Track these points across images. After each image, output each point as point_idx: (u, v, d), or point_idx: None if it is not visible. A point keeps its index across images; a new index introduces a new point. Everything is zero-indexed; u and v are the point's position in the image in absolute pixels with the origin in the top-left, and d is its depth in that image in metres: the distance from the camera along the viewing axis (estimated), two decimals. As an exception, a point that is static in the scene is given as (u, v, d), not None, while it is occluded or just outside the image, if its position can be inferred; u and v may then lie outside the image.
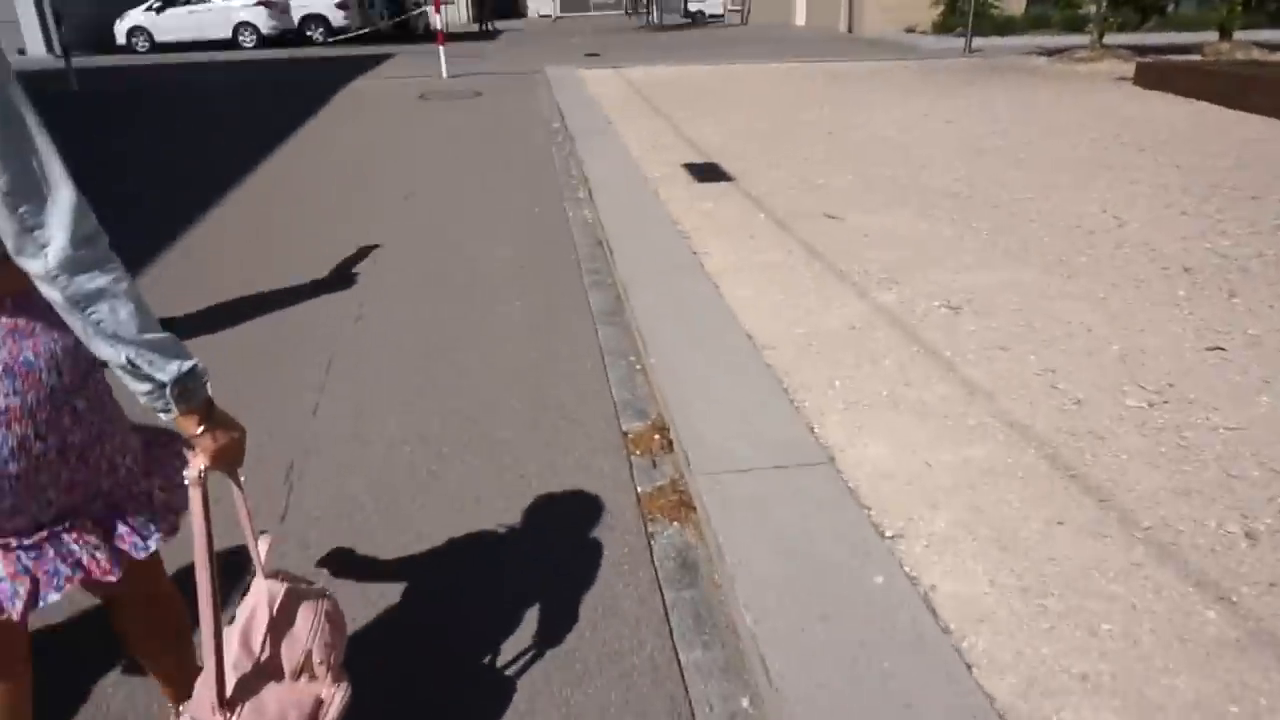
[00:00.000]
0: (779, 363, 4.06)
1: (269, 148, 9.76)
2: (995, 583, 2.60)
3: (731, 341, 4.28)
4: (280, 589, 1.57)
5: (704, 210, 6.65)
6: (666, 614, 2.66)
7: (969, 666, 2.28)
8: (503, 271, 5.66)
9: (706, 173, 7.83)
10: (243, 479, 1.53)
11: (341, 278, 5.56)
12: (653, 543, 2.99)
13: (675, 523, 3.11)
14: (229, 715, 1.42)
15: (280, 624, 1.54)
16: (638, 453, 3.56)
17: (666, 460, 3.50)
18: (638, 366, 4.33)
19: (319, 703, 1.55)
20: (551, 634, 2.56)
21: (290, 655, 1.53)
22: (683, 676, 2.42)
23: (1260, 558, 2.68)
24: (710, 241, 5.90)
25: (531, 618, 2.64)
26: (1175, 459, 3.21)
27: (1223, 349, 4.11)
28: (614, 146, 8.88)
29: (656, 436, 3.64)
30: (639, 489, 3.31)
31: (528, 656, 2.48)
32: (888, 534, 2.83)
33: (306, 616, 1.56)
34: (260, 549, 1.60)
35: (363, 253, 6.03)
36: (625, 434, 3.70)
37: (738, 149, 8.88)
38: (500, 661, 2.47)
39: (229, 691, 1.43)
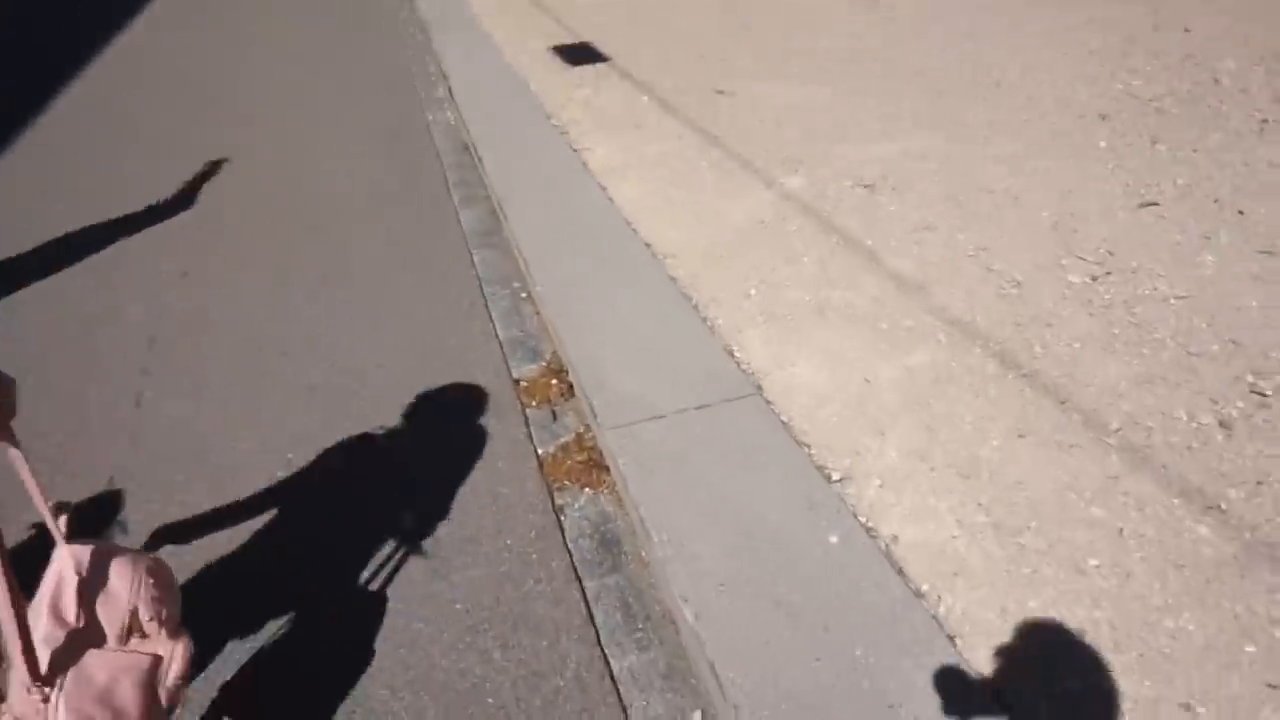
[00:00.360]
0: (685, 275, 3.57)
1: (81, 61, 8.37)
2: (963, 522, 2.25)
3: (628, 254, 3.75)
4: (86, 551, 1.48)
5: (581, 99, 5.95)
6: (589, 611, 2.23)
7: (951, 639, 1.92)
8: (360, 195, 4.91)
9: (580, 55, 7.05)
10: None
11: (171, 217, 4.70)
12: (563, 519, 2.53)
13: (587, 489, 2.65)
14: (47, 690, 1.30)
15: (92, 586, 1.45)
16: (534, 404, 3.05)
17: (568, 410, 3.01)
18: (523, 295, 3.76)
19: (157, 661, 1.48)
20: (451, 661, 2.10)
21: (112, 617, 1.44)
22: (618, 692, 2.01)
23: (1239, 450, 2.40)
24: (592, 135, 5.25)
25: (423, 641, 2.16)
26: (1130, 341, 2.89)
27: (1156, 204, 3.82)
28: (474, 34, 7.94)
29: (554, 382, 3.13)
30: (539, 451, 2.82)
31: (421, 693, 2.01)
32: (834, 476, 2.44)
33: (123, 574, 1.49)
34: (60, 520, 1.49)
35: (195, 185, 5.14)
36: (517, 382, 3.17)
37: (608, 24, 8.06)
38: (384, 702, 2.00)
39: (43, 667, 1.31)
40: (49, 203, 4.78)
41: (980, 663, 1.87)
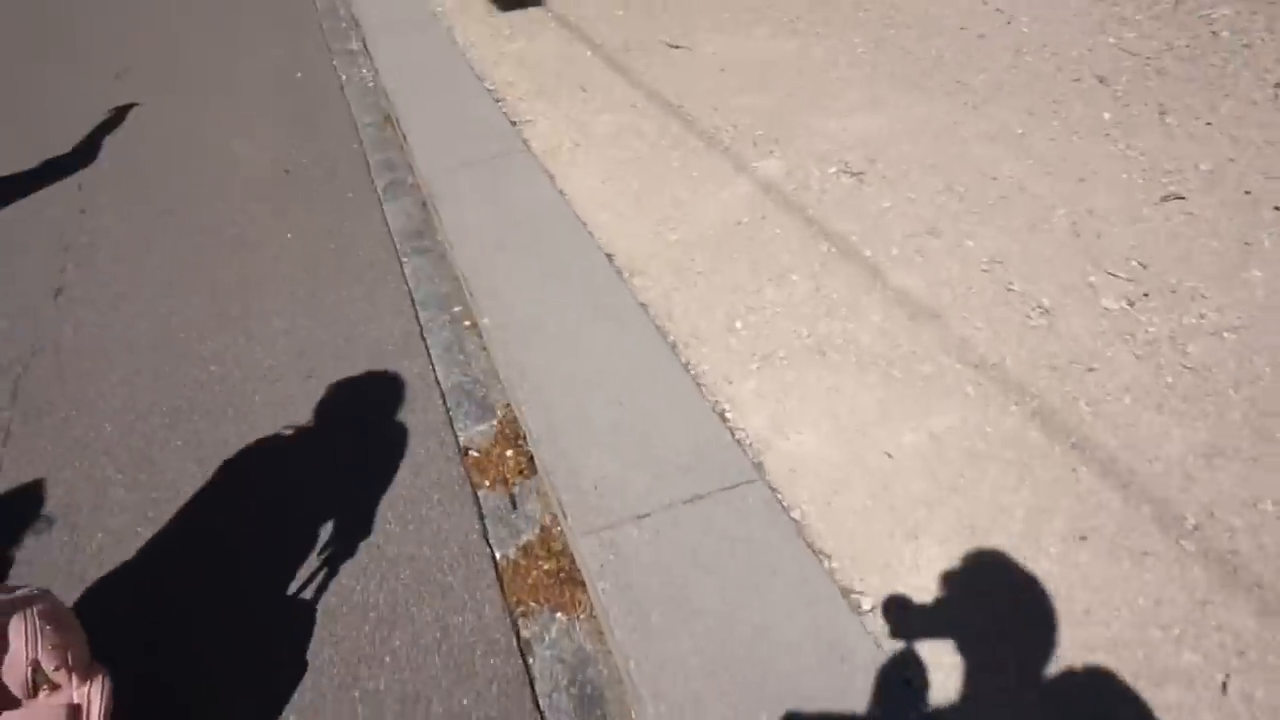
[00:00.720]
0: (656, 298, 3.03)
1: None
2: (1025, 669, 1.81)
3: (587, 269, 3.18)
4: None
5: (515, 53, 5.22)
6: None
7: None
8: (261, 183, 4.17)
9: (510, -7, 6.22)
10: None
11: (13, 232, 3.92)
12: (531, 662, 2.03)
13: (558, 613, 2.15)
14: None
15: None
16: (487, 484, 2.51)
17: (530, 493, 2.48)
18: (466, 323, 3.17)
19: (75, 711, 1.44)
20: None
21: (13, 678, 1.37)
22: None
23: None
24: (532, 103, 4.57)
25: None
26: (1188, 394, 2.48)
27: (1181, 198, 3.37)
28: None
29: (509, 453, 2.60)
30: (498, 555, 2.29)
31: None
32: (865, 605, 1.99)
33: (16, 628, 1.38)
34: None
35: (49, 173, 4.32)
36: (465, 452, 2.62)
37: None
38: None
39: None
40: None
41: None
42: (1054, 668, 1.83)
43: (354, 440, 2.66)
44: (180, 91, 5.15)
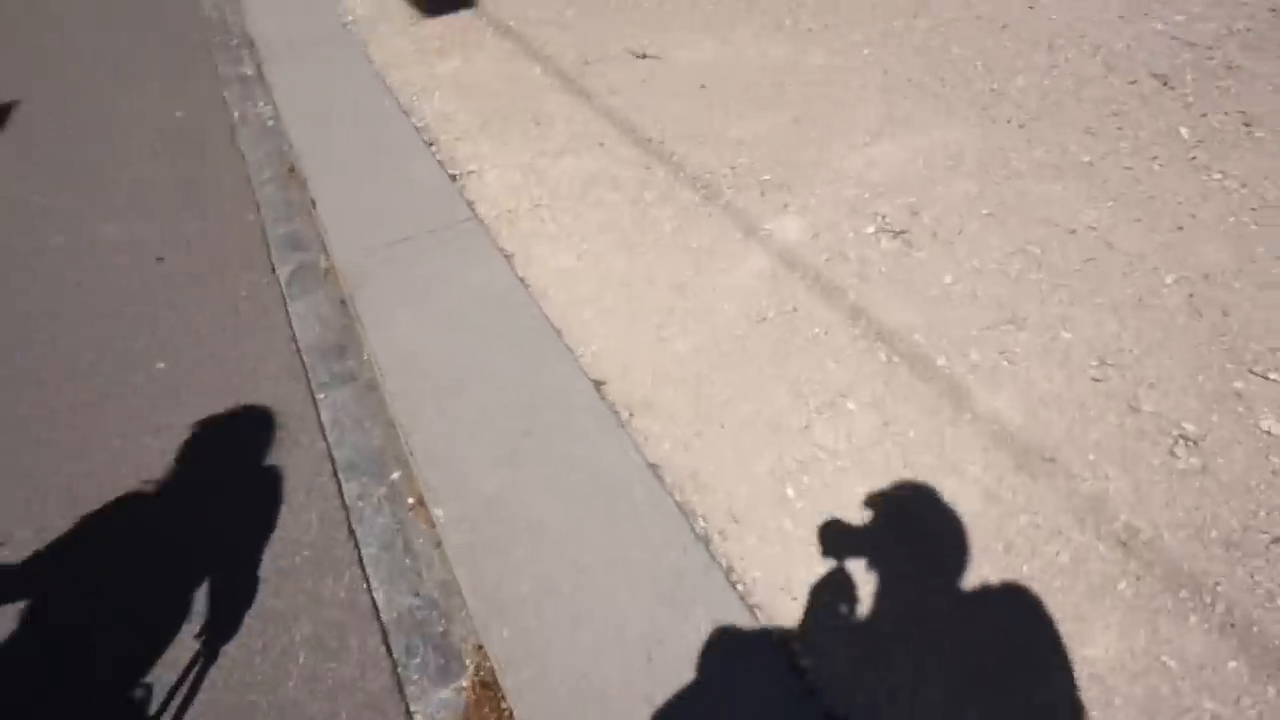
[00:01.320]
0: (670, 453, 2.32)
1: None
2: None
3: (571, 410, 2.45)
4: None
5: (449, 74, 4.36)
6: None
7: None
8: (121, 284, 3.30)
9: (434, -9, 5.32)
10: None
11: None
12: None
13: None
14: None
15: None
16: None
17: None
18: (410, 505, 2.38)
19: None
20: None
21: None
22: None
23: None
24: (474, 144, 3.75)
25: None
26: None
27: (1313, 250, 2.70)
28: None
29: (496, 730, 1.84)
30: None
31: None
32: None
33: None
34: None
35: None
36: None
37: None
38: None
39: None
40: None
41: None
42: None
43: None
44: (28, 145, 4.20)
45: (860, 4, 4.60)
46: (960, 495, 2.11)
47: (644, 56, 4.32)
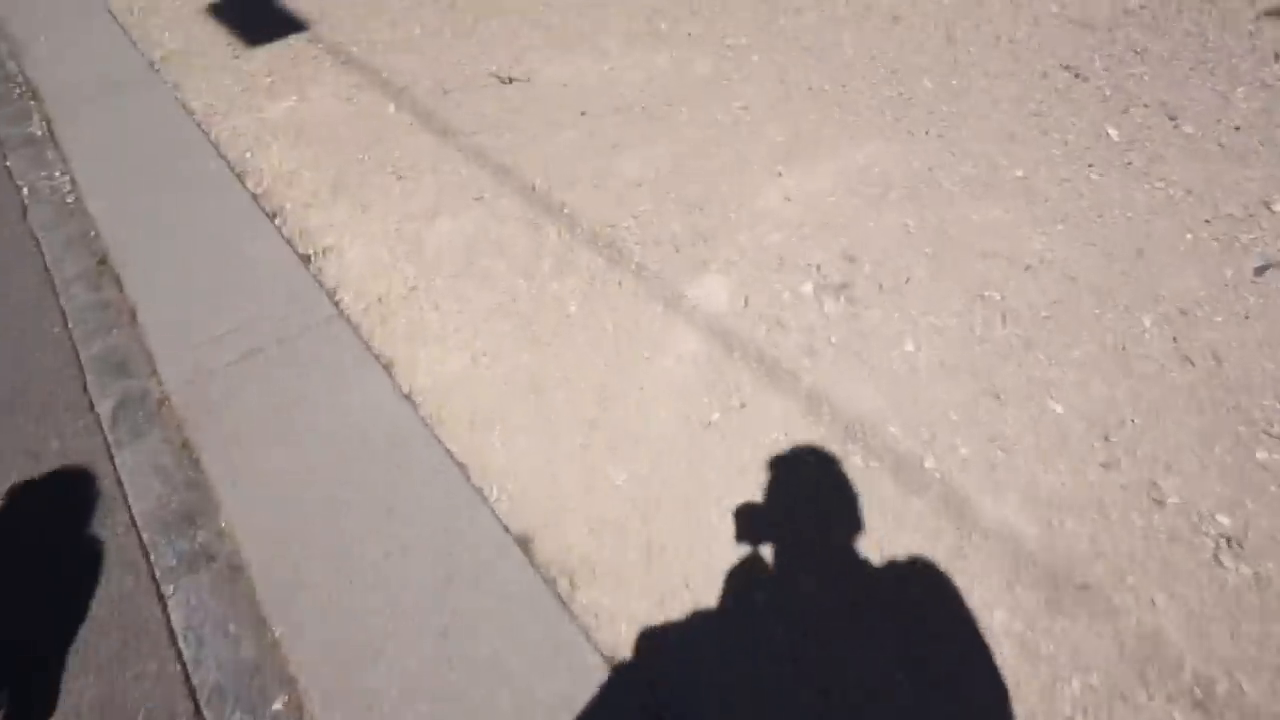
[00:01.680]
0: (648, 670, 1.74)
1: None
2: None
3: (508, 605, 1.88)
4: None
5: (285, 119, 3.62)
6: None
7: None
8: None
9: (260, 17, 4.51)
10: None
11: None
12: None
13: None
14: None
15: None
16: None
17: None
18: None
19: None
20: None
21: None
22: None
23: None
24: (328, 211, 3.07)
25: None
26: None
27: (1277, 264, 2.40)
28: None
29: None
30: None
31: None
32: None
33: None
34: None
35: None
36: None
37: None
38: None
39: None
40: None
41: None
42: None
43: None
44: None
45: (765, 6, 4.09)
46: (994, 653, 1.67)
47: (510, 80, 3.69)
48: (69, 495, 2.22)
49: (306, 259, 2.83)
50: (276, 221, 3.00)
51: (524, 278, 2.66)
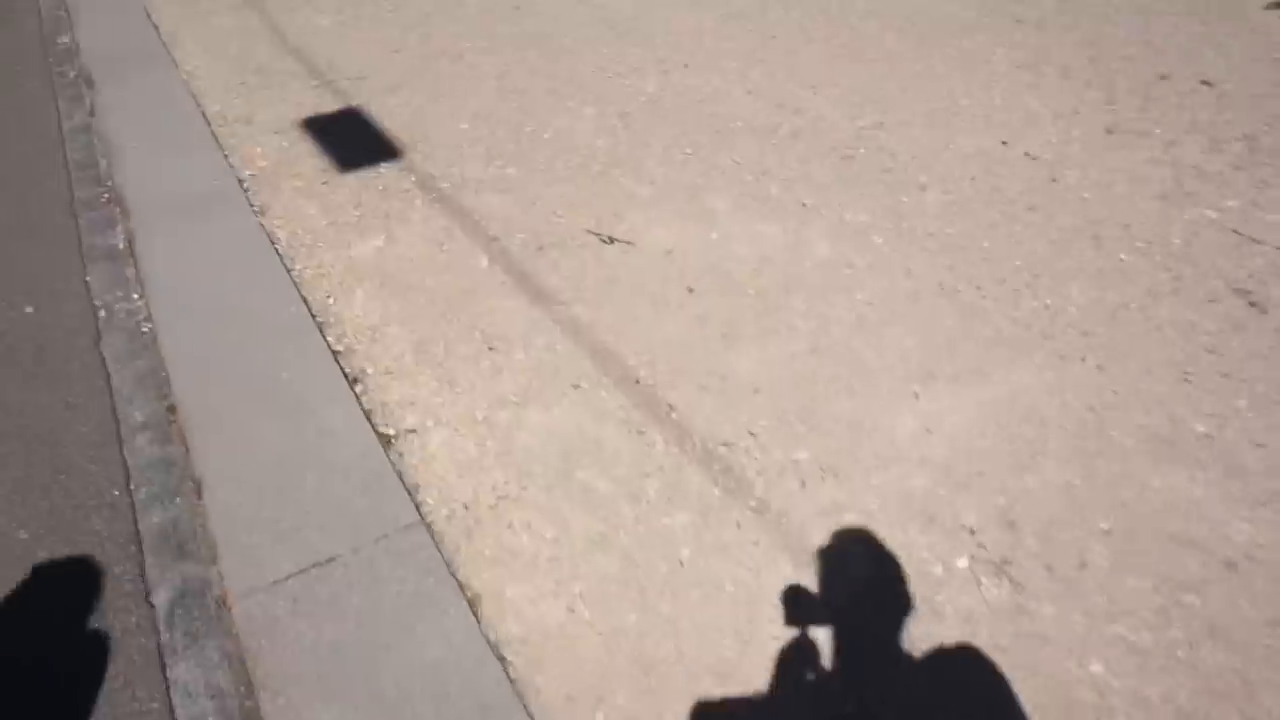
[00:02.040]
0: None
1: None
2: None
3: None
4: None
5: (370, 261, 3.36)
6: None
7: None
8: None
9: (350, 142, 4.30)
10: None
11: None
12: None
13: None
14: None
15: None
16: None
17: None
18: None
19: None
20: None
21: None
22: None
23: None
24: (410, 382, 2.77)
25: None
26: None
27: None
28: (167, 92, 4.87)
29: None
30: None
31: None
32: None
33: None
34: None
35: None
36: None
37: (384, 57, 5.26)
38: None
39: None
40: None
41: None
42: None
43: None
44: None
45: (843, 165, 3.78)
46: None
47: (611, 240, 3.37)
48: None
49: (387, 440, 2.47)
50: (357, 389, 2.67)
51: (629, 501, 2.27)
